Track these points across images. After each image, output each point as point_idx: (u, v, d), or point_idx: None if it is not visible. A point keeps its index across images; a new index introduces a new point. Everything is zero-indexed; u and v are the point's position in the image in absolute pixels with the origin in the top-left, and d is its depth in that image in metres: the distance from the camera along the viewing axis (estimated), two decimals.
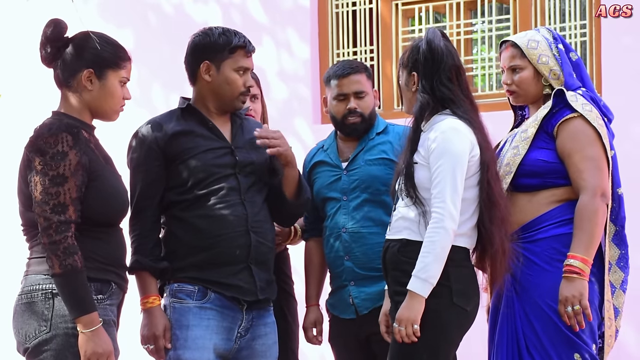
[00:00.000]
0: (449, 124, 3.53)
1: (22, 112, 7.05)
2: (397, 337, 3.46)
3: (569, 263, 3.57)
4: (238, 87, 3.68)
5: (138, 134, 3.67)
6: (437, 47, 3.59)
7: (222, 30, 3.69)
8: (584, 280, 3.57)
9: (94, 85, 3.39)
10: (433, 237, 3.44)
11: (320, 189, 4.19)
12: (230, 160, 3.67)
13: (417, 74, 3.61)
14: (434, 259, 3.42)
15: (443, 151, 3.49)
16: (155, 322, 3.56)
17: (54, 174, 3.22)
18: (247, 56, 3.69)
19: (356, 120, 4.12)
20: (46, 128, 3.28)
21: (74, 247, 3.22)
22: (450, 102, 3.58)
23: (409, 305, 3.44)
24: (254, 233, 3.62)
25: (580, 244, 3.58)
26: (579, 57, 3.85)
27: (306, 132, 6.30)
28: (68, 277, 3.20)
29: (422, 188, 3.53)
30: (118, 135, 4.49)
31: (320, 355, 5.77)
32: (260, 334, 3.68)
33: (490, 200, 3.51)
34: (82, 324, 3.21)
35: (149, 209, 3.62)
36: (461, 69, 3.65)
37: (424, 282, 3.43)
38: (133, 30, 6.84)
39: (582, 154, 3.64)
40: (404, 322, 3.44)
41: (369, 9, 6.29)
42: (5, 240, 6.98)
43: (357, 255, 4.06)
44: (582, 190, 3.63)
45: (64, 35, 3.40)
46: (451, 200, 3.45)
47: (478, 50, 6.29)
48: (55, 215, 3.21)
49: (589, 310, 3.56)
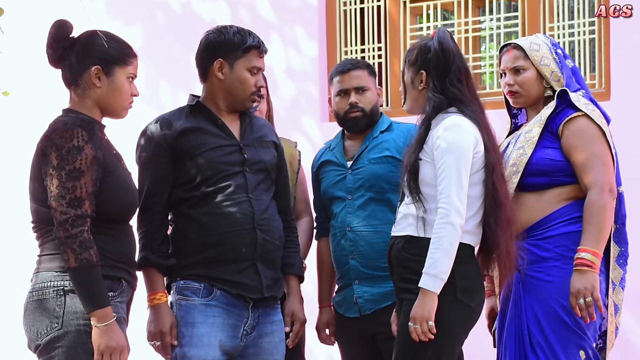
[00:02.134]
0: (453, 120, 3.55)
1: (30, 111, 7.07)
2: (414, 336, 3.46)
3: (580, 256, 3.58)
4: (250, 87, 3.69)
5: (147, 131, 3.68)
6: (449, 48, 3.61)
7: (237, 29, 3.71)
8: (595, 273, 3.58)
9: (102, 82, 3.40)
10: (440, 232, 3.44)
11: (327, 189, 4.21)
12: (238, 157, 3.67)
13: (427, 73, 3.62)
14: (442, 255, 3.43)
15: (447, 147, 3.49)
16: (162, 319, 3.57)
17: (70, 168, 3.23)
18: (260, 56, 3.71)
19: (357, 115, 4.14)
20: (61, 123, 3.29)
21: (90, 241, 3.23)
22: (459, 102, 3.60)
23: (422, 302, 3.45)
24: (261, 231, 3.63)
25: (590, 238, 3.59)
26: (575, 64, 3.91)
27: (314, 129, 6.30)
28: (83, 271, 3.21)
29: (426, 184, 3.54)
30: (126, 133, 4.50)
31: (328, 353, 5.77)
32: (266, 331, 3.69)
33: (496, 202, 3.52)
34: (96, 318, 3.22)
35: (156, 205, 3.63)
36: (469, 70, 3.68)
37: (435, 278, 3.43)
38: (141, 28, 6.85)
39: (588, 151, 3.66)
40: (419, 320, 3.44)
41: (376, 6, 6.29)
42: (10, 238, 7.00)
43: (362, 254, 4.07)
44: (590, 187, 3.64)
45: (69, 35, 3.41)
46: (457, 195, 3.45)
47: (486, 48, 6.27)
48: (71, 209, 3.22)
49: (601, 302, 3.58)
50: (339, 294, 4.20)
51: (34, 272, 3.35)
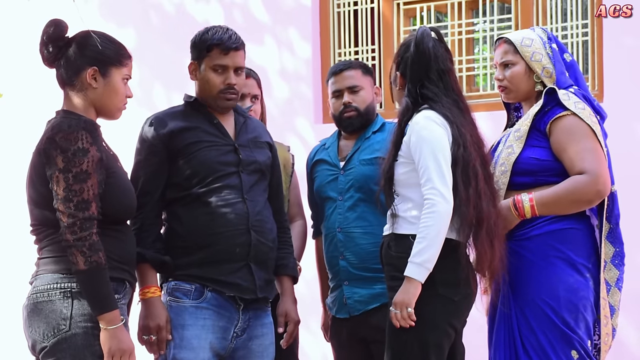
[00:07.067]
0: (422, 114, 3.56)
1: (23, 112, 7.05)
2: (394, 322, 3.48)
3: (520, 197, 3.61)
4: (215, 86, 3.66)
5: (142, 129, 3.68)
6: (425, 50, 3.60)
7: (208, 29, 3.68)
8: (516, 220, 3.63)
9: (98, 83, 3.39)
10: (427, 222, 3.45)
11: (320, 188, 4.22)
12: (233, 158, 3.67)
13: (402, 74, 3.64)
14: (428, 244, 3.43)
15: (420, 140, 3.51)
16: (157, 313, 3.55)
17: (77, 170, 3.21)
18: (224, 53, 3.64)
19: (351, 114, 4.15)
20: (65, 125, 3.27)
21: (99, 243, 3.21)
22: (431, 101, 3.59)
23: (405, 289, 3.46)
24: (255, 232, 3.62)
25: (545, 195, 3.61)
26: (573, 58, 3.87)
27: (307, 131, 6.30)
28: (93, 274, 3.19)
29: (399, 184, 3.56)
30: (119, 134, 4.49)
31: (323, 354, 5.77)
32: (257, 334, 3.68)
33: (478, 198, 3.51)
34: (105, 322, 3.20)
35: (149, 203, 3.62)
36: (449, 71, 3.64)
37: (419, 267, 3.44)
38: (134, 30, 6.84)
39: (579, 146, 3.63)
40: (399, 306, 3.47)
41: (370, 8, 6.30)
42: (4, 240, 6.99)
43: (352, 255, 4.08)
44: (584, 172, 3.60)
45: (65, 35, 3.40)
46: (439, 181, 3.45)
47: (479, 50, 6.29)
48: (79, 212, 3.20)
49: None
50: (331, 295, 4.22)
51: (35, 274, 3.32)
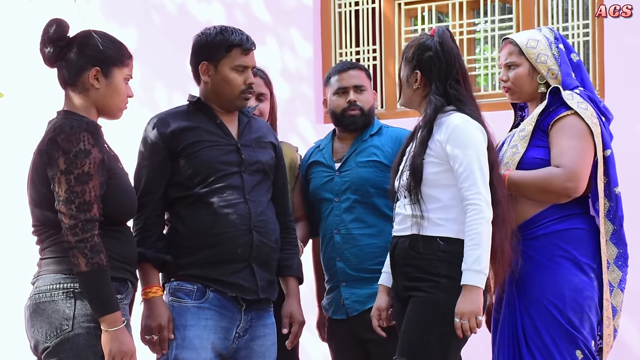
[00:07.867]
0: (461, 117, 3.54)
1: (25, 112, 7.05)
2: (458, 332, 3.43)
3: (501, 170, 3.64)
4: (237, 86, 3.67)
5: (145, 130, 3.68)
6: (450, 49, 3.61)
7: (220, 28, 3.68)
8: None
9: (100, 83, 3.38)
10: (477, 228, 3.43)
11: (315, 189, 4.22)
12: (236, 158, 3.66)
13: (422, 73, 3.62)
14: (483, 250, 3.43)
15: (464, 143, 3.49)
16: (160, 312, 3.55)
17: (79, 172, 3.21)
18: (244, 54, 3.66)
19: (356, 113, 4.16)
20: (67, 126, 3.26)
21: (100, 245, 3.21)
22: (459, 102, 3.59)
23: (468, 298, 3.43)
24: (257, 232, 3.62)
25: (519, 175, 3.63)
26: (579, 58, 3.86)
27: (309, 131, 6.31)
28: (94, 276, 3.19)
29: (427, 185, 3.54)
30: (120, 134, 4.49)
31: (324, 354, 5.77)
32: (259, 334, 3.68)
33: (493, 201, 3.51)
34: (106, 323, 3.20)
35: (151, 203, 3.62)
36: (466, 70, 3.67)
37: (479, 274, 3.42)
38: (136, 30, 6.85)
39: (567, 143, 3.63)
40: (467, 316, 3.42)
41: (371, 8, 6.30)
42: (2, 241, 6.99)
43: (348, 257, 4.08)
44: (560, 167, 3.61)
45: (66, 35, 3.39)
46: (484, 188, 3.47)
47: (481, 50, 6.29)
48: (81, 213, 3.20)
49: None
50: (327, 296, 4.21)
51: (37, 274, 3.32)
